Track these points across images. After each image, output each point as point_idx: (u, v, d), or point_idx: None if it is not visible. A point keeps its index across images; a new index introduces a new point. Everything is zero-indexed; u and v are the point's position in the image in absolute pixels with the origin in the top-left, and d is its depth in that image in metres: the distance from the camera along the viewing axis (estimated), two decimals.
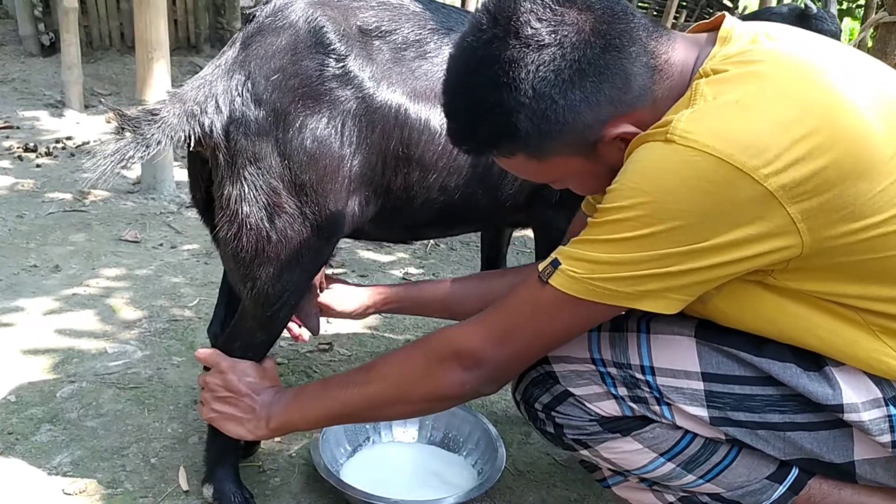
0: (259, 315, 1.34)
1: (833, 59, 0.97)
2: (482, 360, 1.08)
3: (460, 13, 1.49)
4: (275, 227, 1.27)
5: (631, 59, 0.95)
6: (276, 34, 1.27)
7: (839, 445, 1.04)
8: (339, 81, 1.27)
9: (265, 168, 1.25)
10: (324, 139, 1.26)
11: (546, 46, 0.92)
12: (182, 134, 1.22)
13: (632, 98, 0.96)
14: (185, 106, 1.23)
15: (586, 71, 0.93)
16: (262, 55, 1.25)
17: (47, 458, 1.56)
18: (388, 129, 1.32)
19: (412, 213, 1.43)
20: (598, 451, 1.16)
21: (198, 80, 1.27)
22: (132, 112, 1.23)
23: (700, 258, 0.91)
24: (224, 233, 1.28)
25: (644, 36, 0.97)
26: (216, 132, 1.23)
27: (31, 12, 5.66)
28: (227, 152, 1.25)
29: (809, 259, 0.93)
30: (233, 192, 1.25)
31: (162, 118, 1.22)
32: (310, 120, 1.25)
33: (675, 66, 0.99)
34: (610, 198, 0.95)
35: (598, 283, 0.95)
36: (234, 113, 1.23)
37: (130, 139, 1.22)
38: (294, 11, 1.28)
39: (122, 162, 1.21)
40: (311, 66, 1.25)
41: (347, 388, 1.20)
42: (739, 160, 0.86)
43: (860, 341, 1.00)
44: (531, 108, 0.94)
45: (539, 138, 0.97)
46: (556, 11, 0.93)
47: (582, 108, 0.95)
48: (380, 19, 1.35)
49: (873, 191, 0.89)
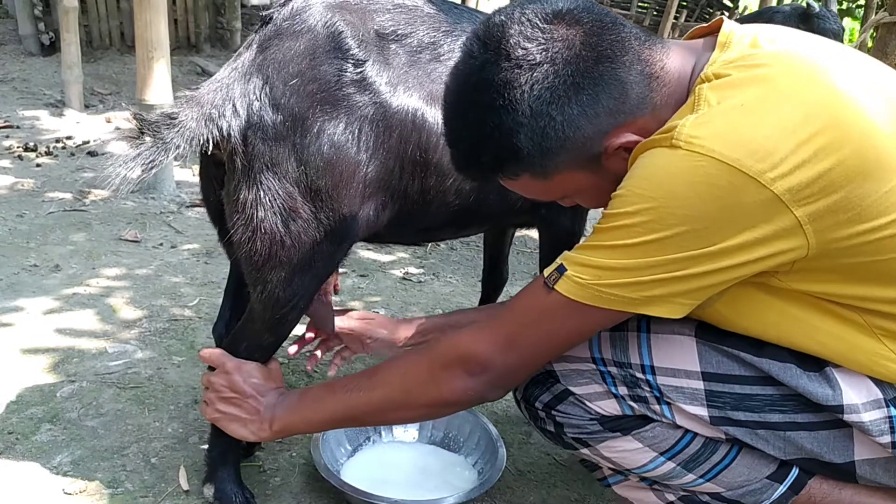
0: (268, 318, 1.34)
1: (835, 61, 0.97)
2: (488, 366, 1.07)
3: (472, 13, 1.49)
4: (289, 232, 1.27)
5: (625, 68, 0.95)
6: (295, 38, 1.26)
7: (839, 445, 1.05)
8: (356, 87, 1.26)
9: (282, 173, 1.24)
10: (341, 145, 1.25)
11: (538, 65, 0.93)
12: (200, 138, 1.21)
13: (630, 107, 0.96)
14: (203, 109, 1.22)
15: (581, 84, 0.94)
16: (280, 59, 1.24)
17: (47, 458, 1.56)
18: (405, 134, 1.31)
19: (427, 216, 1.43)
20: (598, 449, 1.16)
21: (214, 82, 1.27)
22: (151, 116, 1.22)
23: (706, 262, 0.91)
24: (238, 236, 1.27)
25: (636, 45, 0.97)
26: (234, 136, 1.23)
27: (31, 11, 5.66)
28: (244, 156, 1.24)
29: (815, 260, 0.93)
30: (249, 197, 1.25)
31: (181, 122, 1.21)
32: (327, 125, 1.24)
33: (671, 73, 0.99)
34: (615, 203, 0.95)
35: (605, 289, 0.95)
36: (252, 117, 1.23)
37: (150, 144, 1.21)
38: (312, 15, 1.28)
39: (144, 167, 1.20)
40: (329, 72, 1.25)
41: (352, 392, 1.20)
42: (745, 164, 0.86)
43: (862, 345, 1.00)
44: (530, 127, 0.95)
45: (542, 156, 0.98)
46: (544, 30, 0.94)
47: (581, 122, 0.95)
48: (396, 22, 1.35)
49: (880, 191, 0.89)
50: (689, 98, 0.96)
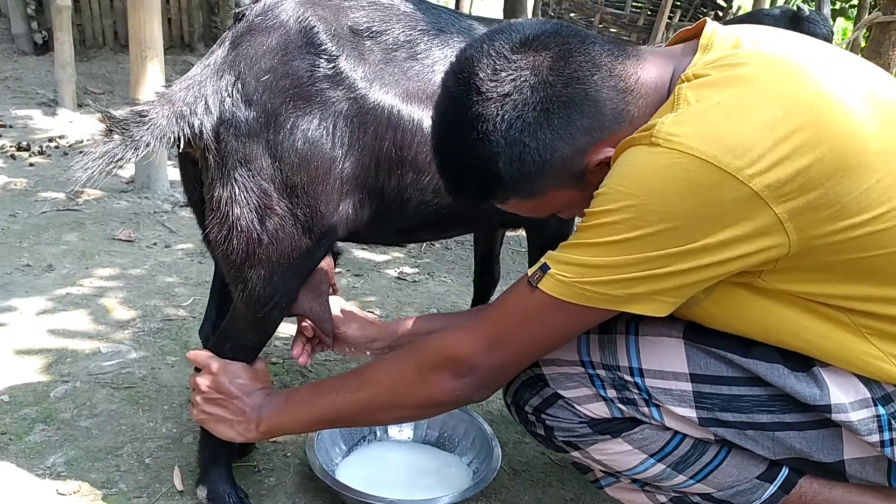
0: (250, 316, 1.34)
1: (818, 59, 0.97)
2: (474, 366, 1.08)
3: (450, 13, 1.49)
4: (266, 229, 1.26)
5: (596, 86, 0.96)
6: (267, 34, 1.26)
7: (828, 445, 1.05)
8: (330, 82, 1.26)
9: (256, 170, 1.24)
10: (315, 140, 1.25)
11: (507, 95, 0.95)
12: (171, 135, 1.21)
13: (606, 123, 0.97)
14: (175, 107, 1.22)
15: (550, 109, 0.95)
16: (253, 55, 1.24)
17: (41, 459, 1.56)
18: (380, 131, 1.31)
19: (406, 215, 1.42)
20: (588, 452, 1.16)
21: (186, 80, 1.26)
22: (120, 114, 1.21)
23: (688, 260, 0.92)
24: (214, 235, 1.27)
25: (608, 61, 0.98)
26: (206, 133, 1.22)
27: (24, 10, 5.65)
28: (217, 154, 1.23)
29: (797, 259, 0.93)
30: (223, 194, 1.24)
31: (151, 120, 1.21)
32: (301, 121, 1.24)
33: (647, 83, 1.00)
34: (597, 202, 0.95)
35: (588, 287, 0.96)
36: (224, 114, 1.22)
37: (119, 141, 1.20)
38: (284, 11, 1.27)
39: (111, 164, 1.20)
40: (301, 67, 1.25)
41: (339, 392, 1.20)
42: (724, 161, 0.87)
43: (849, 344, 1.00)
44: (507, 155, 0.97)
45: (523, 181, 1.00)
46: (511, 60, 0.96)
47: (556, 144, 0.97)
48: (371, 19, 1.35)
49: (860, 188, 0.89)
50: (669, 97, 0.96)
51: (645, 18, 4.99)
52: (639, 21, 4.98)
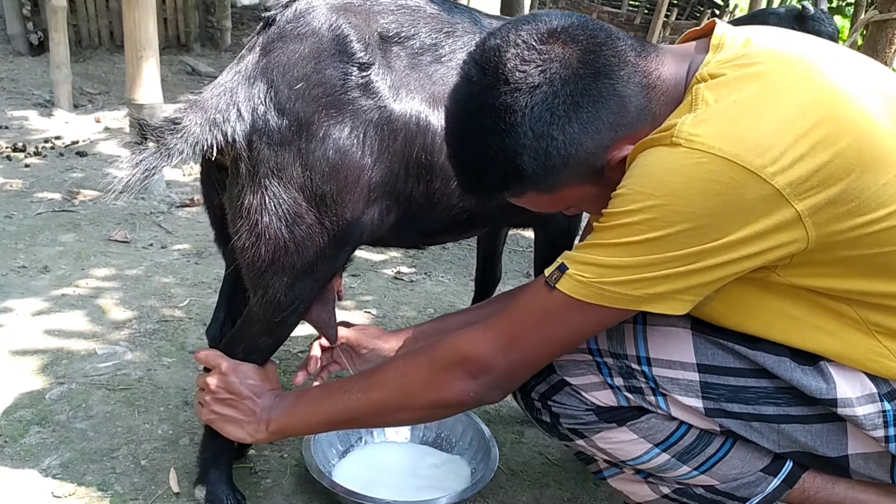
0: (267, 321, 1.33)
1: (829, 58, 0.98)
2: (489, 367, 1.07)
3: (472, 12, 1.48)
4: (293, 238, 1.26)
5: (623, 82, 0.96)
6: (299, 41, 1.24)
7: (833, 439, 1.05)
8: (361, 90, 1.25)
9: (287, 178, 1.23)
10: (346, 149, 1.24)
11: (537, 87, 0.94)
12: (204, 143, 1.20)
13: (630, 119, 0.97)
14: (207, 114, 1.21)
15: (580, 103, 0.94)
16: (285, 63, 1.23)
17: (36, 461, 1.55)
18: (410, 137, 1.31)
19: (431, 219, 1.42)
20: (593, 441, 1.16)
21: (218, 86, 1.25)
22: (155, 122, 1.21)
23: (709, 258, 0.92)
24: (242, 242, 1.26)
25: (633, 57, 0.98)
26: (238, 141, 1.21)
27: (20, 11, 5.63)
28: (248, 162, 1.23)
29: (814, 253, 0.93)
30: (253, 202, 1.24)
31: (185, 127, 1.20)
32: (332, 130, 1.23)
33: (667, 80, 1.00)
34: (616, 202, 0.95)
35: (607, 287, 0.95)
36: (257, 122, 1.22)
37: (153, 149, 1.19)
38: (316, 17, 1.26)
39: (147, 172, 1.19)
40: (334, 75, 1.24)
41: (350, 393, 1.19)
42: (746, 160, 0.87)
43: (857, 342, 1.00)
44: (533, 148, 0.95)
45: (546, 175, 0.98)
46: (540, 51, 0.95)
47: (582, 139, 0.96)
48: (399, 24, 1.34)
49: (878, 183, 0.90)
50: (685, 98, 0.96)
51: (642, 17, 4.98)
52: (635, 19, 4.97)
